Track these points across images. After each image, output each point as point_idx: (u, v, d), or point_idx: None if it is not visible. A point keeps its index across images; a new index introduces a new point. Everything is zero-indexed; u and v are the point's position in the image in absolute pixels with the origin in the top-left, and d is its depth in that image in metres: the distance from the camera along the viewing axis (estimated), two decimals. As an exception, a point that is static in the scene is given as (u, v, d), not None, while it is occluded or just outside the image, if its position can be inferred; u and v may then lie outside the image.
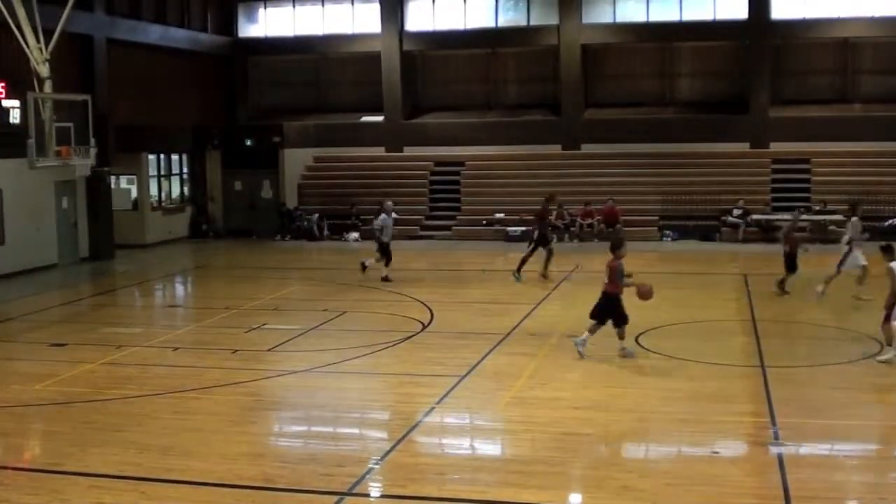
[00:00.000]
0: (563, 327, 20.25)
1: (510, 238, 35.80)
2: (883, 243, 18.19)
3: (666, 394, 15.27)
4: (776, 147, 38.67)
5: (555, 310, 22.73)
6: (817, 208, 35.24)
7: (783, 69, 40.02)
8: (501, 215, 37.37)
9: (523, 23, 41.56)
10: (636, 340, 18.80)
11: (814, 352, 18.15)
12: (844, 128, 38.17)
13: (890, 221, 34.50)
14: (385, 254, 26.97)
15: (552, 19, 40.72)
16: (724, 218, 35.52)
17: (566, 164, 39.95)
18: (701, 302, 23.57)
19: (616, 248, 17.75)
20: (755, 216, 35.23)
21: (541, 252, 26.65)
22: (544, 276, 26.51)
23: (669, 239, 35.51)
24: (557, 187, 36.71)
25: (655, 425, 13.83)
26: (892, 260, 17.17)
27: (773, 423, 13.67)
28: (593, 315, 17.63)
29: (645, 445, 13.25)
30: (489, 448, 13.40)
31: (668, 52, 41.05)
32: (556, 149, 40.75)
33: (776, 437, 13.06)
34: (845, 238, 23.55)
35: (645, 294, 17.61)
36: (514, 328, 20.26)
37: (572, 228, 36.05)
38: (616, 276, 17.40)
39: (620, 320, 17.56)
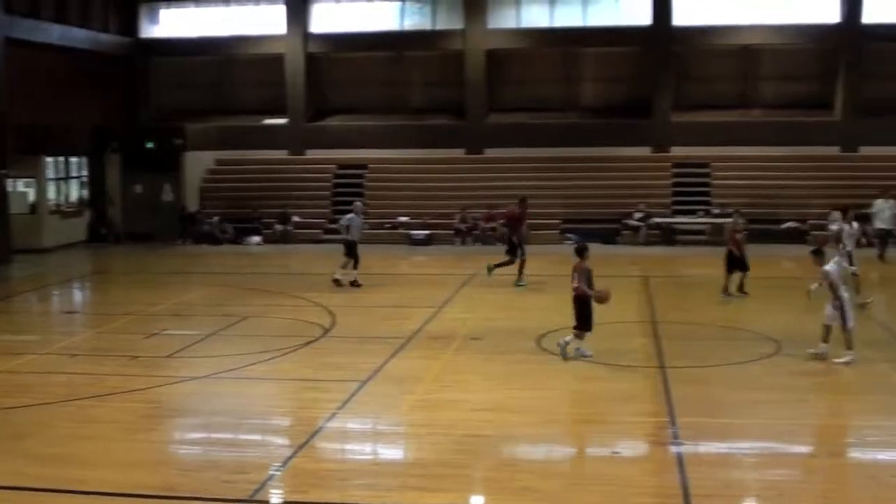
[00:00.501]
0: (465, 330, 20.29)
1: (414, 241, 35.82)
2: (814, 247, 18.76)
3: (568, 395, 15.39)
4: (677, 151, 39.26)
5: (457, 313, 22.74)
6: (717, 211, 35.82)
7: (685, 75, 40.62)
8: (405, 219, 37.35)
9: (428, 27, 41.58)
10: (538, 342, 18.91)
11: (713, 352, 18.39)
12: (744, 132, 38.89)
13: (787, 224, 35.25)
14: (352, 255, 26.61)
15: (457, 24, 40.82)
16: (625, 221, 35.92)
17: (470, 168, 40.07)
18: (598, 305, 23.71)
19: (581, 252, 18.06)
20: (656, 219, 35.69)
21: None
22: (490, 269, 26.53)
23: (571, 242, 35.73)
24: (461, 191, 36.98)
25: (557, 426, 13.92)
26: (823, 264, 17.58)
27: (673, 422, 13.84)
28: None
29: (546, 446, 13.30)
30: (392, 452, 13.35)
31: (572, 58, 41.39)
32: (459, 153, 40.86)
33: (675, 437, 13.22)
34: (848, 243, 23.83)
35: (603, 298, 17.79)
36: (417, 332, 20.24)
37: (475, 232, 36.15)
38: (583, 278, 17.67)
39: (584, 322, 17.76)
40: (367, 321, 21.79)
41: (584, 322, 17.75)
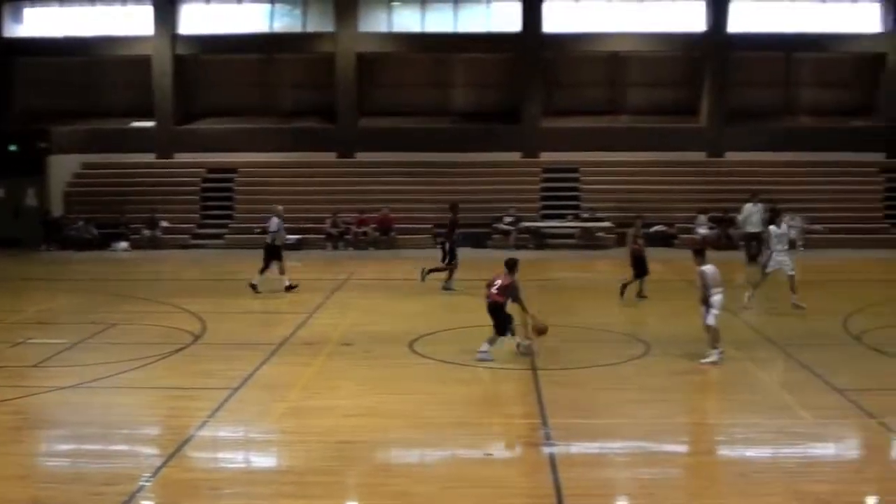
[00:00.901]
0: (337, 335, 20.19)
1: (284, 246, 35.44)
2: (696, 247, 19.25)
3: (441, 398, 15.40)
4: (547, 156, 39.75)
5: (329, 318, 22.59)
6: (586, 216, 36.35)
7: (555, 81, 41.18)
8: (276, 223, 36.95)
9: (299, 29, 41.33)
10: (410, 347, 18.92)
11: (583, 354, 18.62)
12: (613, 138, 39.60)
13: (655, 228, 35.90)
14: (277, 257, 26.09)
15: (328, 26, 40.64)
16: (495, 225, 36.19)
17: (341, 172, 39.93)
18: (473, 307, 23.75)
19: (512, 267, 18.26)
20: (526, 223, 36.04)
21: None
22: (423, 277, 26.52)
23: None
24: (332, 195, 36.84)
25: (430, 430, 13.92)
26: (702, 264, 18.01)
27: (545, 423, 13.98)
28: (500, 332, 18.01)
29: (420, 450, 13.28)
30: (264, 460, 13.19)
31: (443, 63, 41.59)
32: (330, 156, 40.68)
33: (548, 438, 13.35)
34: (797, 242, 24.24)
35: (542, 331, 18.12)
36: (289, 338, 20.04)
37: (347, 236, 36.03)
38: (510, 292, 17.92)
39: (501, 328, 18.03)
40: (237, 327, 21.52)
41: (501, 328, 17.98)
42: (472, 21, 40.30)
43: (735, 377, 17.23)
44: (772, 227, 24.08)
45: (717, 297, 17.89)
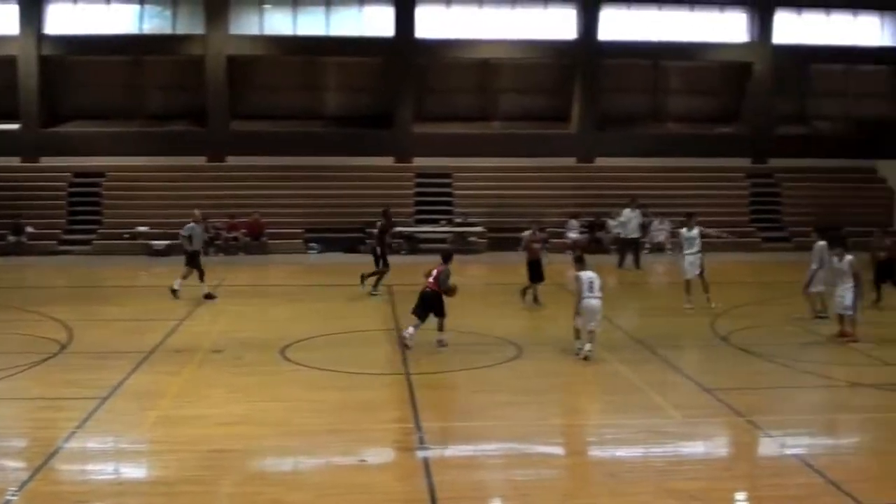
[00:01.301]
0: (208, 343, 19.90)
1: (154, 252, 34.90)
2: (577, 254, 19.94)
3: (314, 405, 15.29)
4: (419, 162, 39.82)
5: (200, 326, 22.24)
6: (459, 220, 36.51)
7: (427, 87, 41.29)
8: (145, 229, 36.35)
9: (168, 31, 40.62)
10: (282, 353, 18.75)
11: (456, 357, 18.71)
12: (485, 144, 39.86)
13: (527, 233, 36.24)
14: (195, 266, 25.46)
15: (198, 28, 40.02)
16: (368, 230, 36.04)
17: (211, 176, 39.39)
18: (346, 313, 23.80)
19: (448, 258, 20.27)
20: (399, 228, 35.99)
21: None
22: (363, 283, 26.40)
23: (315, 251, 35.71)
24: (203, 200, 36.17)
25: (304, 437, 13.81)
26: (582, 269, 18.74)
27: (419, 428, 14.00)
28: (415, 312, 19.43)
29: (293, 458, 13.15)
30: (134, 471, 12.89)
31: (315, 66, 41.34)
32: (201, 160, 40.08)
33: (421, 442, 13.37)
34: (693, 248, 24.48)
35: (451, 292, 19.81)
36: (159, 345, 19.66)
37: (217, 242, 35.54)
38: (442, 279, 19.51)
39: (441, 313, 19.50)
40: (106, 335, 21.01)
41: (439, 311, 19.51)
42: (345, 25, 40.14)
43: (606, 379, 17.51)
44: (683, 230, 24.82)
45: (586, 302, 18.20)
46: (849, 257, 20.41)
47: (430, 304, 19.42)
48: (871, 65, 42.67)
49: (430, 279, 19.51)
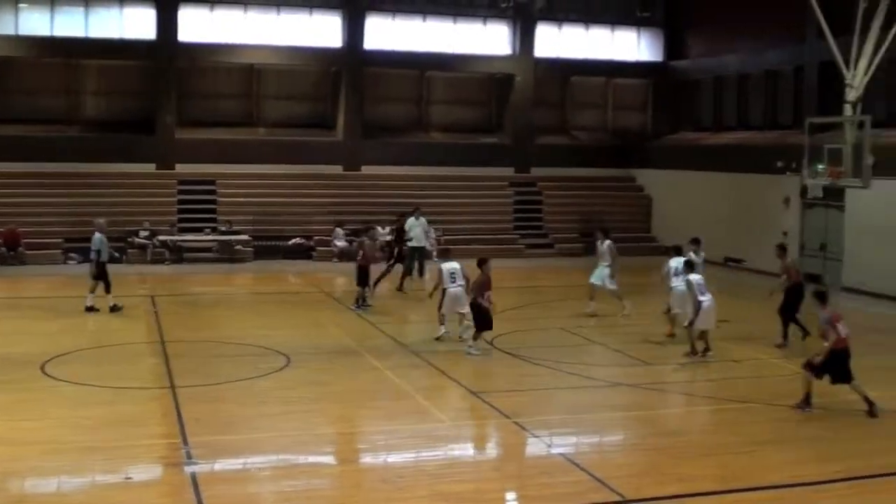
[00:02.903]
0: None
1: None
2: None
3: (76, 422, 14.70)
4: (182, 168, 38.90)
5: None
6: (223, 228, 35.90)
7: (190, 92, 40.38)
8: None
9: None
10: (42, 369, 17.96)
11: (223, 369, 18.38)
12: (250, 150, 39.32)
13: (293, 241, 36.06)
14: (102, 278, 24.19)
15: (-52, 28, 37.97)
16: (130, 239, 35.06)
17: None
18: (109, 326, 23.01)
19: (483, 263, 20.17)
20: (162, 237, 35.14)
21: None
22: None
23: (75, 262, 34.35)
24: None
25: (67, 456, 13.21)
26: (443, 262, 21.34)
27: (185, 442, 13.66)
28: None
29: (57, 478, 12.57)
30: None
31: (74, 69, 39.76)
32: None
33: (189, 457, 13.05)
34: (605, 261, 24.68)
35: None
36: None
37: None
38: (477, 288, 19.99)
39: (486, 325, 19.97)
40: None
41: (481, 323, 19.78)
42: (104, 26, 38.79)
43: (375, 385, 17.55)
44: (598, 244, 25.42)
45: (448, 291, 20.68)
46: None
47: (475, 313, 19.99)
48: (629, 78, 44.44)
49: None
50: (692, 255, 21.91)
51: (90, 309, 24.17)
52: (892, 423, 15.96)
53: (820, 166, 26.05)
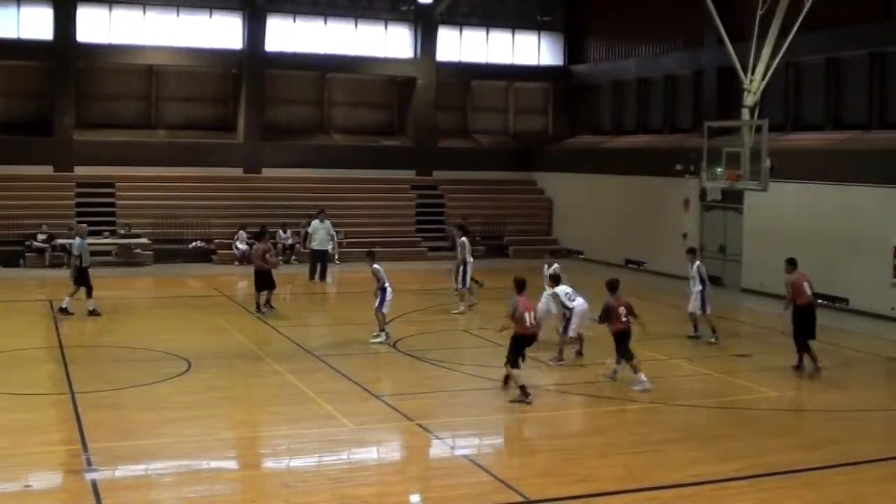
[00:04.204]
0: None
1: None
2: (368, 250, 21.79)
3: (-31, 429, 14.41)
4: (81, 171, 38.23)
5: None
6: (123, 232, 35.40)
7: (89, 93, 39.69)
8: None
9: None
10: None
11: (123, 374, 18.14)
12: (149, 153, 38.82)
13: (194, 244, 35.70)
14: (84, 283, 23.91)
15: None
16: (28, 243, 34.39)
17: None
18: (5, 330, 22.56)
19: (613, 287, 18.42)
20: (60, 240, 34.51)
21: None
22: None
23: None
24: None
25: (-40, 464, 12.97)
26: (374, 263, 21.48)
27: (86, 449, 13.47)
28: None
29: (-54, 487, 12.34)
30: None
31: (-32, 70, 38.94)
32: None
33: (89, 463, 12.88)
34: (461, 258, 25.37)
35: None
36: None
37: None
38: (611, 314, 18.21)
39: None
40: None
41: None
42: (1, 26, 37.94)
43: (277, 390, 17.50)
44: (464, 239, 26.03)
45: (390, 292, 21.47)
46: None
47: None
48: (529, 82, 44.83)
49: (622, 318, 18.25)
50: (556, 269, 21.70)
51: (64, 311, 24.10)
52: (792, 422, 16.44)
53: (719, 169, 26.47)
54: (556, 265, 22.19)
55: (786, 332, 19.70)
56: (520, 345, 16.92)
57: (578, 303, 19.78)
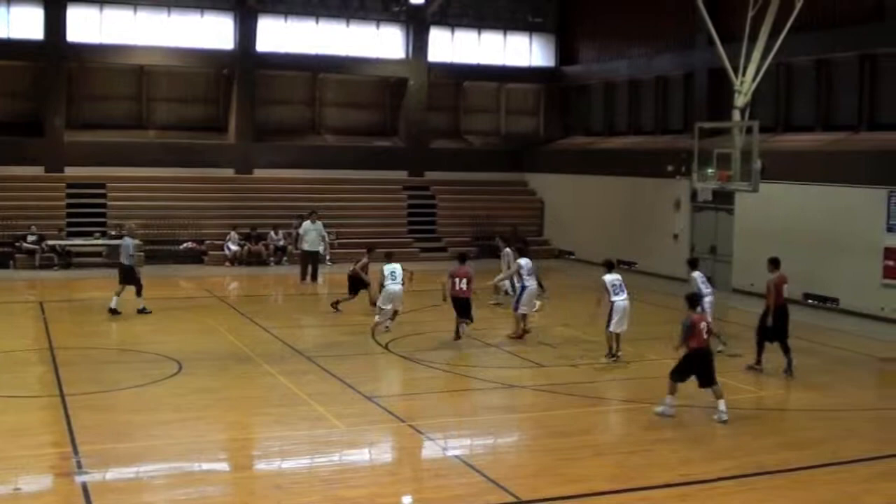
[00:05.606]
0: None
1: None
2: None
3: (-43, 433, 14.38)
4: (72, 171, 38.16)
5: None
6: (113, 233, 35.32)
7: (80, 93, 39.60)
8: None
9: None
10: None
11: (115, 376, 18.13)
12: (141, 153, 38.72)
13: (185, 245, 35.66)
14: (132, 281, 24.30)
15: None
16: (18, 244, 34.33)
17: None
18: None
19: (694, 303, 16.58)
20: (50, 241, 34.45)
21: None
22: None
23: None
24: None
25: (-51, 466, 12.93)
26: (388, 262, 22.53)
27: (76, 451, 13.43)
28: None
29: (-63, 490, 12.32)
30: None
31: (-43, 70, 38.86)
32: None
33: (79, 466, 12.85)
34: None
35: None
36: None
37: None
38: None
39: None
40: None
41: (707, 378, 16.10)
42: (-9, 27, 37.96)
43: (269, 392, 17.49)
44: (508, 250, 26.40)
45: (389, 288, 22.13)
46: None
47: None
48: (521, 83, 44.84)
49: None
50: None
51: (113, 311, 24.28)
52: (780, 421, 16.46)
53: (709, 170, 26.49)
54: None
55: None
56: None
57: (621, 299, 19.96)
